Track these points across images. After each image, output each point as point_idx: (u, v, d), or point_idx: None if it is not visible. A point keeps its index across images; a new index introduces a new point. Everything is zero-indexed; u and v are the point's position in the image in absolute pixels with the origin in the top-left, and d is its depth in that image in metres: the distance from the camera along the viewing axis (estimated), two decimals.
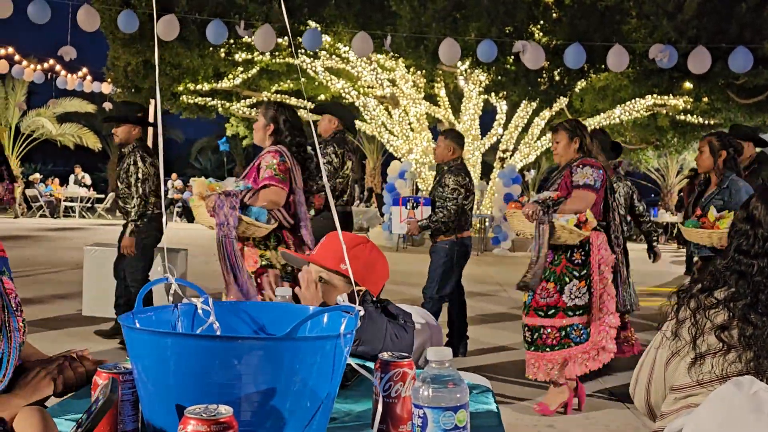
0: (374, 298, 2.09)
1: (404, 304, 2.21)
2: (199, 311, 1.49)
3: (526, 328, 4.29)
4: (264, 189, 3.80)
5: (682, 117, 15.81)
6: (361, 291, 2.07)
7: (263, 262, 3.84)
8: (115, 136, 5.61)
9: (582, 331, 4.14)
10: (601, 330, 4.14)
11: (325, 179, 1.89)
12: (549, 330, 4.17)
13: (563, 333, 4.15)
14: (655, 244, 5.83)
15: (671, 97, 14.61)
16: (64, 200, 22.40)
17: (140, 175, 5.41)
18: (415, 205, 5.77)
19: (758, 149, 5.45)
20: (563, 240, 4.08)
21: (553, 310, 4.16)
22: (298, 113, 5.31)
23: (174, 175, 24.94)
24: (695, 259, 4.59)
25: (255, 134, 4.15)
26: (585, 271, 4.16)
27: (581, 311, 4.15)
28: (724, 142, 4.46)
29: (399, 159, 17.40)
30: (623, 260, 4.46)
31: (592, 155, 4.36)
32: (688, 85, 13.24)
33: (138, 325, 1.38)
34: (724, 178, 4.39)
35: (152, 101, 17.92)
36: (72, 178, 24.11)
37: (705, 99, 13.84)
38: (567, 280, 4.15)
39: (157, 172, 5.54)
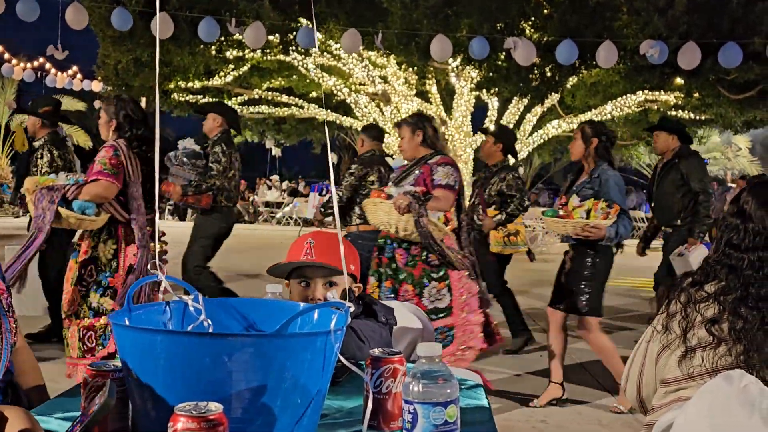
0: (354, 295, 2.07)
1: (396, 301, 2.21)
2: (191, 308, 1.49)
3: None
4: (90, 183, 3.84)
5: (673, 113, 15.85)
6: (358, 287, 2.06)
7: (92, 254, 3.91)
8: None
9: (447, 334, 4.07)
10: (466, 330, 4.08)
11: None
12: None
13: None
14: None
15: (662, 93, 14.64)
16: None
17: (48, 169, 5.44)
18: (327, 192, 6.10)
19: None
20: (439, 237, 4.00)
21: None
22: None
23: None
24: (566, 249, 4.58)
25: (100, 130, 4.16)
26: (443, 272, 4.08)
27: (443, 313, 4.07)
28: (596, 129, 4.36)
29: (391, 156, 17.38)
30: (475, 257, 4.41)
31: (437, 147, 4.31)
32: (678, 80, 13.27)
33: (128, 323, 1.37)
34: (596, 167, 4.29)
35: (143, 99, 17.86)
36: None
37: (696, 95, 13.88)
38: (425, 282, 4.07)
39: (67, 165, 5.59)
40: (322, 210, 6.01)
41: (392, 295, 4.12)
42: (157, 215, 1.78)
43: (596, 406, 4.40)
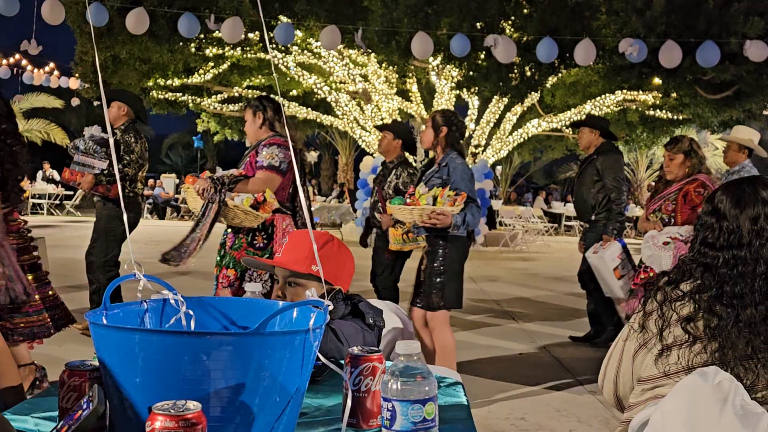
0: (344, 295, 2.08)
1: (375, 300, 2.22)
2: (171, 302, 1.48)
3: None
4: None
5: (652, 112, 16.00)
6: (334, 290, 2.06)
7: None
8: None
9: None
10: None
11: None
12: None
13: None
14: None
15: (640, 92, 14.78)
16: (32, 197, 22.05)
17: None
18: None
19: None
20: (239, 221, 3.87)
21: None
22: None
23: (46, 165, 23.89)
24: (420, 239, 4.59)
25: None
26: (267, 257, 3.92)
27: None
28: (447, 118, 4.32)
29: (371, 155, 17.38)
30: None
31: (276, 129, 4.18)
32: (656, 80, 13.39)
33: (105, 322, 1.36)
34: (445, 155, 4.25)
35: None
36: (40, 174, 23.74)
37: (673, 94, 14.02)
38: (248, 266, 3.88)
39: None
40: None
41: (214, 283, 4.02)
42: (125, 216, 1.75)
43: (575, 403, 4.43)
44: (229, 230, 4.06)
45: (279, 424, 1.24)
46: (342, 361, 1.48)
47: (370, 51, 13.33)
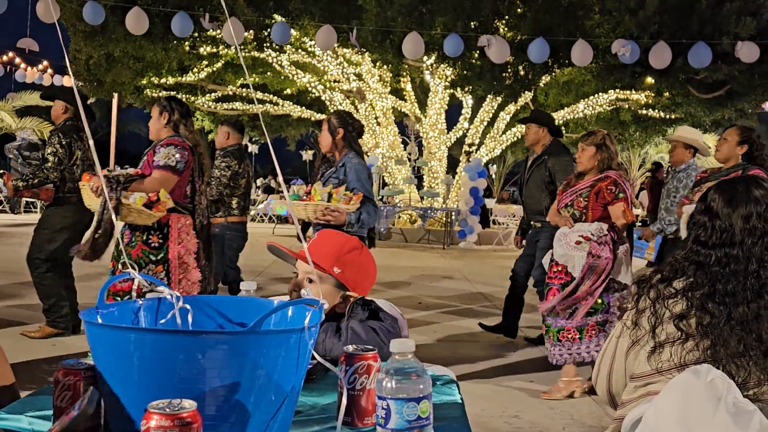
0: (363, 301, 2.06)
1: (379, 299, 2.22)
2: (167, 298, 1.48)
3: None
4: None
5: (644, 111, 16.05)
6: (352, 298, 2.05)
7: None
8: None
9: None
10: None
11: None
12: None
13: None
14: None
15: (633, 92, 14.82)
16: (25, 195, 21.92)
17: None
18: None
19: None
20: (132, 219, 3.87)
21: (129, 296, 3.91)
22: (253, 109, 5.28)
23: None
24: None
25: None
26: (162, 255, 3.98)
27: None
28: (342, 120, 4.34)
29: (366, 153, 17.37)
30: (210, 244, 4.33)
31: (178, 130, 4.19)
32: (649, 80, 13.43)
33: (100, 321, 1.36)
34: (342, 156, 4.27)
35: (115, 95, 17.66)
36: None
37: (666, 94, 14.06)
38: (143, 264, 3.95)
39: None
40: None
41: (110, 276, 3.98)
42: (113, 215, 1.75)
43: (568, 401, 4.44)
44: (127, 227, 4.07)
45: (274, 423, 1.25)
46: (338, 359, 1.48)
47: (365, 50, 13.33)
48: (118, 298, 3.90)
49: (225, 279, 6.10)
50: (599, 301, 4.32)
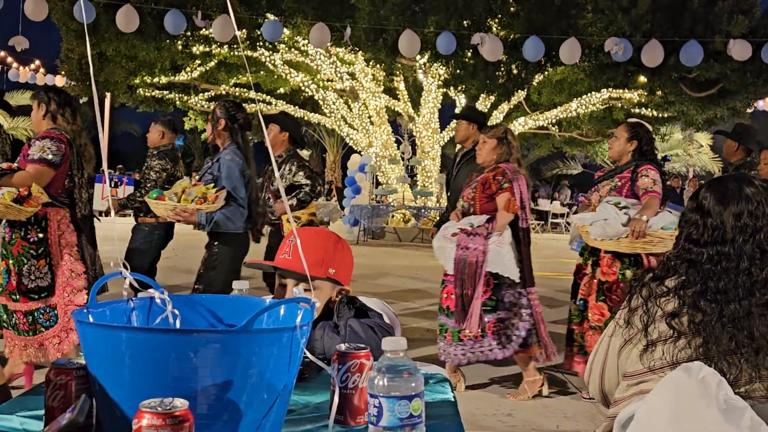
0: (348, 299, 2.04)
1: (363, 297, 2.22)
2: (158, 301, 1.48)
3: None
4: None
5: (637, 110, 16.10)
6: (345, 291, 2.04)
7: None
8: None
9: (50, 314, 3.96)
10: (68, 311, 3.96)
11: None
12: (18, 316, 3.97)
13: (30, 318, 3.95)
14: None
15: (626, 90, 14.86)
16: None
17: None
18: (118, 183, 5.93)
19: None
20: (2, 215, 3.86)
21: (17, 295, 3.94)
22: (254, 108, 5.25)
23: None
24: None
25: None
26: (43, 249, 3.94)
27: (45, 293, 3.96)
28: (226, 110, 4.23)
29: (359, 152, 17.39)
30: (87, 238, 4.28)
31: (57, 123, 4.14)
32: (642, 78, 13.48)
33: (91, 320, 1.36)
34: (223, 149, 4.19)
35: (108, 94, 17.61)
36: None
37: (659, 93, 14.11)
38: (25, 260, 3.94)
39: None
40: (124, 202, 5.67)
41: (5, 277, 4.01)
42: (113, 213, 1.74)
43: (561, 399, 4.45)
44: (6, 224, 4.04)
45: (266, 421, 1.25)
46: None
47: (358, 49, 13.33)
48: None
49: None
50: (494, 298, 4.31)
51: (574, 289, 4.48)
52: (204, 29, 12.15)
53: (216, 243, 4.08)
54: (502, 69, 13.06)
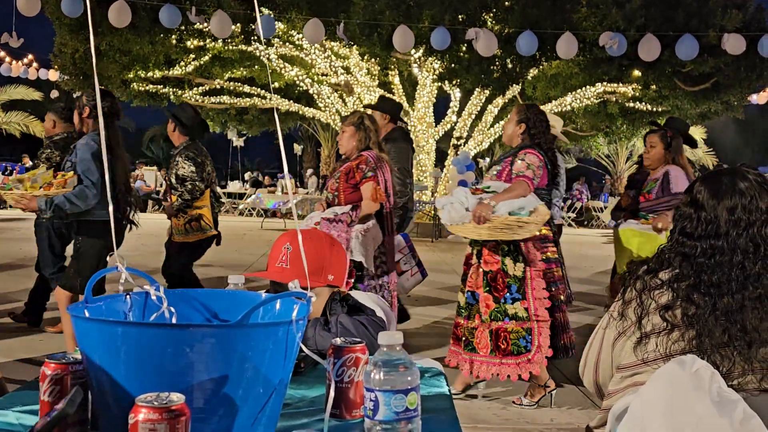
0: (340, 296, 2.04)
1: (359, 291, 2.22)
2: (153, 297, 1.48)
3: None
4: None
5: (631, 104, 16.12)
6: (336, 289, 2.04)
7: None
8: None
9: None
10: None
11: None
12: None
13: None
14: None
15: (620, 84, 14.88)
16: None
17: None
18: (11, 171, 5.99)
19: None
20: None
21: None
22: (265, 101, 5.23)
23: (26, 158, 23.71)
24: None
25: None
26: None
27: None
28: (93, 98, 4.29)
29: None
30: None
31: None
32: (636, 73, 13.49)
33: (87, 315, 1.36)
34: (85, 135, 4.24)
35: (101, 88, 17.53)
36: (18, 168, 23.37)
37: (653, 87, 14.12)
38: None
39: None
40: None
41: None
42: (111, 206, 1.73)
43: (558, 393, 4.46)
44: None
45: (262, 416, 1.25)
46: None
47: (352, 43, 13.30)
48: None
49: (37, 266, 5.74)
50: (357, 288, 4.23)
51: (463, 279, 4.26)
52: (198, 24, 12.10)
53: (79, 233, 4.09)
54: (497, 63, 13.06)
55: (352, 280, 4.14)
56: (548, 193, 4.25)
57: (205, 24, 12.03)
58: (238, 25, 13.02)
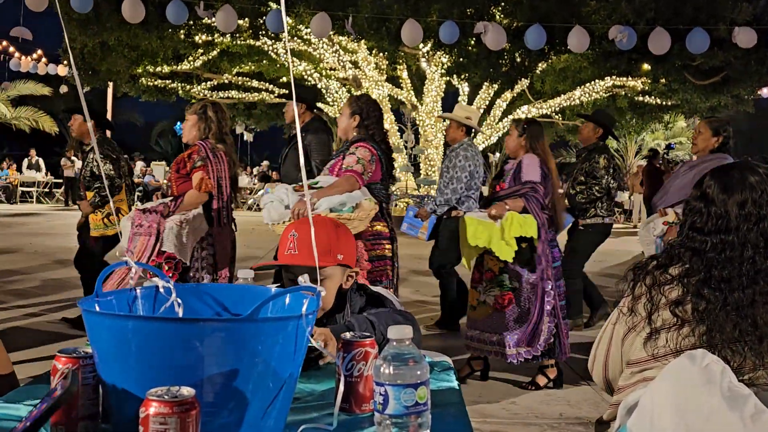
0: (357, 286, 2.03)
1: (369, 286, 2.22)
2: (161, 290, 1.48)
3: None
4: None
5: (641, 98, 16.04)
6: (354, 273, 2.02)
7: None
8: None
9: None
10: None
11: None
12: None
13: None
14: None
15: (630, 78, 14.80)
16: (21, 185, 21.93)
17: None
18: None
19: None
20: None
21: None
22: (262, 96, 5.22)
23: (32, 152, 23.77)
24: None
25: None
26: None
27: None
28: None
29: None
30: None
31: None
32: (646, 66, 13.42)
33: (98, 309, 1.36)
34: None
35: (110, 84, 17.58)
36: (26, 162, 23.56)
37: (662, 80, 14.05)
38: None
39: None
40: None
41: None
42: (112, 203, 1.74)
43: (565, 387, 4.46)
44: None
45: (272, 409, 1.25)
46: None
47: (361, 37, 13.28)
48: None
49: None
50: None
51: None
52: (206, 18, 12.10)
53: None
54: (506, 57, 13.01)
55: (178, 273, 4.02)
56: (384, 188, 4.12)
57: (213, 19, 12.03)
58: (246, 19, 13.01)
